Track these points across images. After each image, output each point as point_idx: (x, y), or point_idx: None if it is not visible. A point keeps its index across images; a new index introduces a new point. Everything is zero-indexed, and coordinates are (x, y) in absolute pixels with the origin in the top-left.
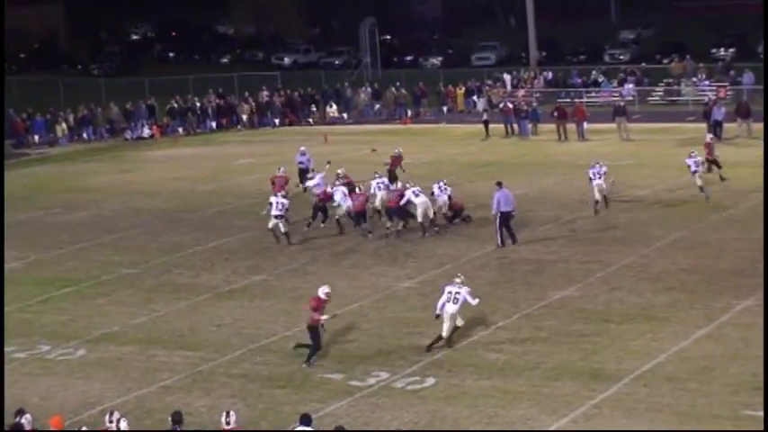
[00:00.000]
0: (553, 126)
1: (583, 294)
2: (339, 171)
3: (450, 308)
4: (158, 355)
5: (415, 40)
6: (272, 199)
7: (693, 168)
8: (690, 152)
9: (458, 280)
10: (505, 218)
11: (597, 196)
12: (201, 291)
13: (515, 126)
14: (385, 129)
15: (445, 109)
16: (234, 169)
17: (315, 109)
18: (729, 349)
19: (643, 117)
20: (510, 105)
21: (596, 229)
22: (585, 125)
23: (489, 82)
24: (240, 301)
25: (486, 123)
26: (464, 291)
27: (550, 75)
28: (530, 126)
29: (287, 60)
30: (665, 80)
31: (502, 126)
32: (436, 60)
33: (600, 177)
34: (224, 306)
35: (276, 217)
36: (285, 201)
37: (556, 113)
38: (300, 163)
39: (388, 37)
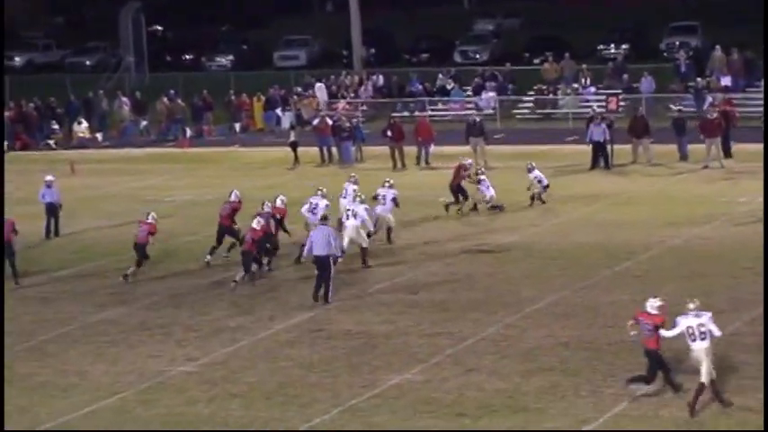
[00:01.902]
0: (386, 149)
1: (428, 379)
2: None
3: None
4: None
5: (197, 32)
6: None
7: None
8: (528, 165)
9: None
10: (321, 265)
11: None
12: None
13: (334, 149)
14: (154, 154)
15: (238, 126)
16: None
17: (57, 127)
18: None
19: (507, 137)
20: (327, 122)
21: (446, 289)
22: (432, 148)
23: (298, 90)
24: None
25: (294, 146)
26: None
27: (381, 80)
28: (353, 149)
29: (19, 60)
30: (536, 87)
31: (316, 150)
32: (225, 60)
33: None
34: None
35: None
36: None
37: (389, 133)
38: (49, 201)
39: (159, 28)
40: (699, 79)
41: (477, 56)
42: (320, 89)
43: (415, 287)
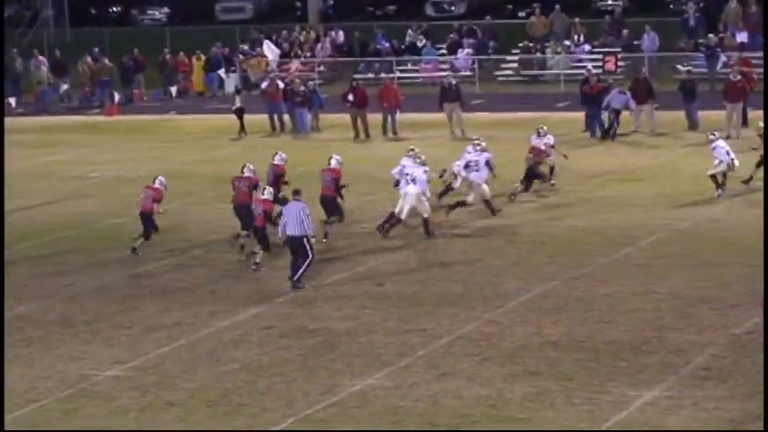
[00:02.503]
0: (346, 117)
1: (396, 384)
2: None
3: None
4: None
5: None
6: None
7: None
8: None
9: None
10: (295, 247)
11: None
12: None
13: (286, 117)
14: (77, 122)
15: (174, 90)
16: None
17: None
18: None
19: (488, 102)
20: (278, 85)
21: (417, 280)
22: (398, 115)
23: (244, 48)
24: None
25: (239, 113)
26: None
27: (341, 36)
28: (309, 117)
29: None
30: (521, 44)
31: (265, 117)
32: (159, 13)
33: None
34: None
35: None
36: None
37: (351, 97)
38: None
39: None
40: (710, 35)
41: (453, 8)
42: (269, 47)
43: (381, 278)
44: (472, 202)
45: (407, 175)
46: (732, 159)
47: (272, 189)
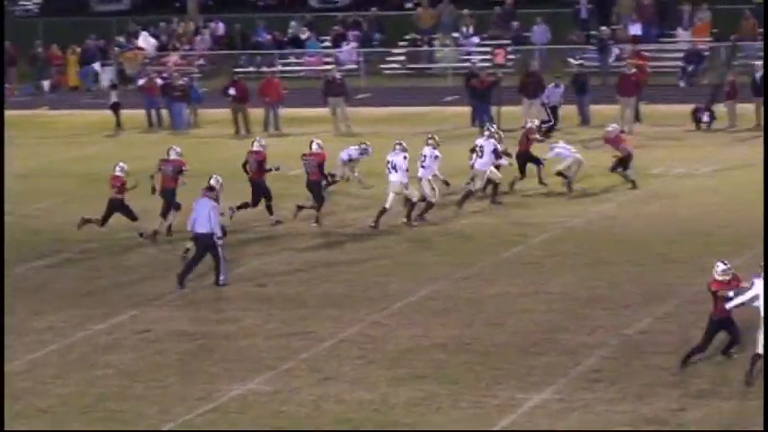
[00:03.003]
0: (227, 112)
1: (277, 389)
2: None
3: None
4: None
5: None
6: None
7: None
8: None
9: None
10: (203, 245)
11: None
12: None
13: (164, 112)
14: None
15: (47, 85)
16: None
17: None
18: None
19: (374, 97)
20: (156, 79)
21: (299, 280)
22: (281, 110)
23: (121, 40)
24: None
25: (116, 108)
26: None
27: (222, 28)
28: (187, 112)
29: None
30: (408, 37)
31: (142, 112)
32: (31, 3)
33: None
34: None
35: None
36: None
37: (232, 91)
38: None
39: None
40: (603, 28)
41: None
42: (147, 39)
43: (262, 279)
44: (479, 188)
45: (388, 163)
46: (576, 154)
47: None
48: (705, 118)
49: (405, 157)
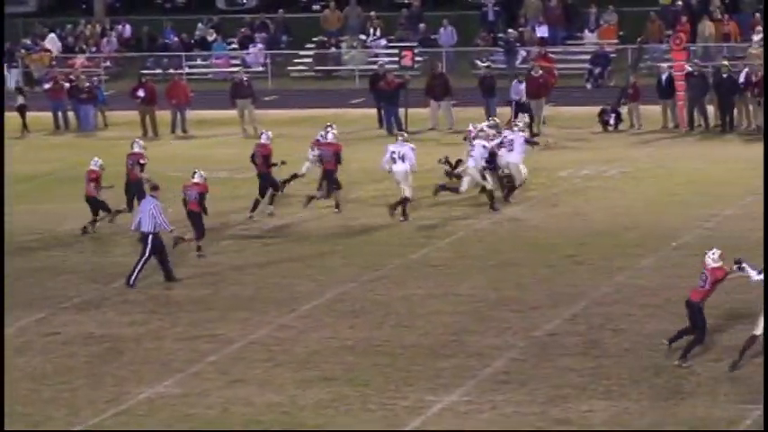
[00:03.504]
0: (134, 114)
1: (185, 392)
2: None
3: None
4: None
5: None
6: None
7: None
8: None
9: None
10: (155, 245)
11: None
12: None
13: (71, 114)
14: None
15: None
16: None
17: None
18: None
19: (281, 99)
20: (62, 82)
21: (206, 283)
22: (188, 112)
23: (27, 42)
24: None
25: (22, 110)
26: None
27: (129, 30)
28: (93, 114)
29: None
30: (315, 39)
31: (49, 115)
32: None
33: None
34: None
35: None
36: None
37: (140, 94)
38: None
39: None
40: (510, 30)
41: (244, 1)
42: (53, 41)
43: (170, 281)
44: (522, 182)
45: (394, 153)
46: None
47: (202, 173)
48: (611, 120)
49: (412, 148)
